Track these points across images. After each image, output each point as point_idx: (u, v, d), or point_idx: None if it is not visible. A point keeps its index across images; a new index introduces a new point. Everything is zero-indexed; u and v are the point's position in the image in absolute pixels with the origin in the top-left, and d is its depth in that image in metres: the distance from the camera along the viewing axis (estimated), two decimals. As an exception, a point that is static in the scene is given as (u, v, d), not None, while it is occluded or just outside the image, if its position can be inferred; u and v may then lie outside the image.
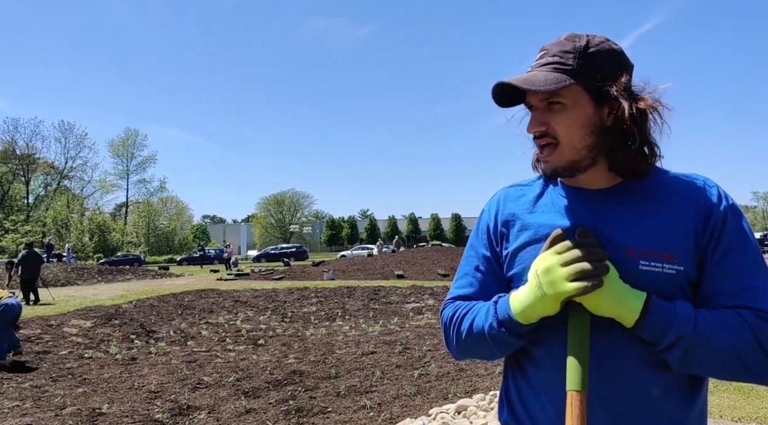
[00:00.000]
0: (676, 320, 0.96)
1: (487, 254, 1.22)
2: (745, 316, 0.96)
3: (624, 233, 1.05)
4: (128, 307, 12.39)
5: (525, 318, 1.04)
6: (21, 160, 61.96)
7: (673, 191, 1.08)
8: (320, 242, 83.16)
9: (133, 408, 4.89)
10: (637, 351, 1.01)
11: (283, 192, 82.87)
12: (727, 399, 4.61)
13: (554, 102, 1.07)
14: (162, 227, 67.75)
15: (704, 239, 1.03)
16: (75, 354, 7.51)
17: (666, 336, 0.96)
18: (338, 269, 23.54)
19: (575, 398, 0.97)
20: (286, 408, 4.74)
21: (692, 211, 1.05)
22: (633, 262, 1.02)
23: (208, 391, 5.42)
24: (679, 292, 1.02)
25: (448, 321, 1.20)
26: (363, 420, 4.41)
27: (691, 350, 0.95)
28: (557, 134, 1.06)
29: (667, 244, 1.03)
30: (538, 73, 1.07)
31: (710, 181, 1.10)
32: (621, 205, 1.09)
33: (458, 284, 1.25)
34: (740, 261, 1.01)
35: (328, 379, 5.72)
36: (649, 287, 1.00)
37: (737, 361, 0.95)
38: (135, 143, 67.40)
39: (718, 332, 0.95)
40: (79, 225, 56.58)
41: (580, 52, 1.07)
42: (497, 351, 1.13)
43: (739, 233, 1.04)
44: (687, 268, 1.02)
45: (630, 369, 1.02)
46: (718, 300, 1.01)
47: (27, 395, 5.44)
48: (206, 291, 16.26)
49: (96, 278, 23.98)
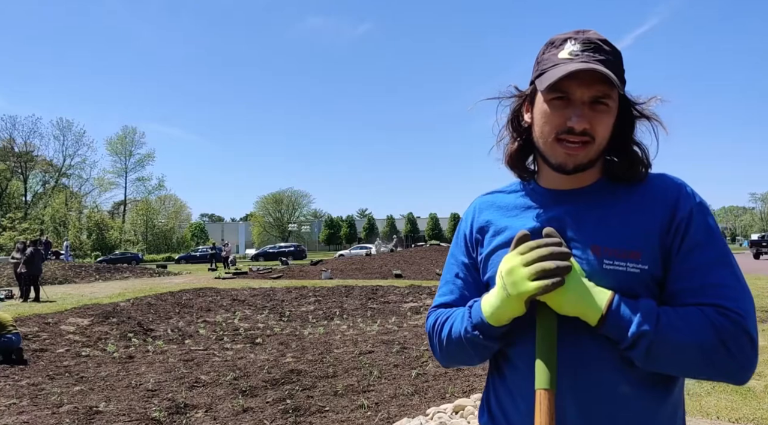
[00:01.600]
0: (638, 317, 0.96)
1: (466, 261, 1.24)
2: (708, 313, 0.96)
3: (590, 232, 1.07)
4: (126, 305, 12.37)
5: (496, 320, 1.05)
6: (19, 157, 61.81)
7: (641, 190, 1.10)
8: (318, 241, 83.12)
9: (130, 406, 4.88)
10: (605, 350, 1.02)
11: (282, 191, 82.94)
12: (725, 400, 4.61)
13: (602, 102, 1.05)
14: (160, 225, 67.71)
15: (669, 237, 1.04)
16: (72, 352, 7.50)
17: (628, 334, 0.96)
18: (336, 268, 23.53)
19: (543, 396, 0.98)
20: (283, 407, 4.73)
21: (659, 209, 1.06)
22: (598, 261, 1.03)
23: (206, 390, 5.42)
24: (644, 290, 1.03)
25: (431, 330, 1.22)
26: (360, 420, 4.40)
27: (654, 347, 0.95)
28: (596, 133, 1.05)
29: (631, 243, 1.04)
30: (602, 67, 1.03)
31: (678, 179, 1.12)
32: (590, 204, 1.10)
33: (441, 292, 1.27)
34: (705, 258, 1.02)
35: (325, 378, 5.72)
36: (613, 285, 1.01)
37: (700, 358, 0.95)
38: (133, 140, 67.36)
39: (680, 329, 0.95)
40: (77, 223, 56.54)
41: (619, 55, 1.09)
42: (475, 355, 1.14)
43: (705, 230, 1.04)
44: (651, 266, 1.03)
45: (599, 368, 1.03)
46: (683, 297, 1.01)
47: (24, 393, 5.43)
48: (204, 290, 16.24)
49: (94, 277, 23.94)
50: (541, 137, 1.10)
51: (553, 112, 1.06)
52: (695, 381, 5.16)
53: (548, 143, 1.09)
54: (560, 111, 1.06)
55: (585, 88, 1.04)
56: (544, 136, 1.09)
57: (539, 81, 1.08)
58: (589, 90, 1.04)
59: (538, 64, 1.12)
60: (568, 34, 1.10)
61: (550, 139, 1.08)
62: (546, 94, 1.07)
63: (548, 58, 1.10)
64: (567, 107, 1.05)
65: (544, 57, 1.12)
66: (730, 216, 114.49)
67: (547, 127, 1.08)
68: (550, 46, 1.12)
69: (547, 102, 1.07)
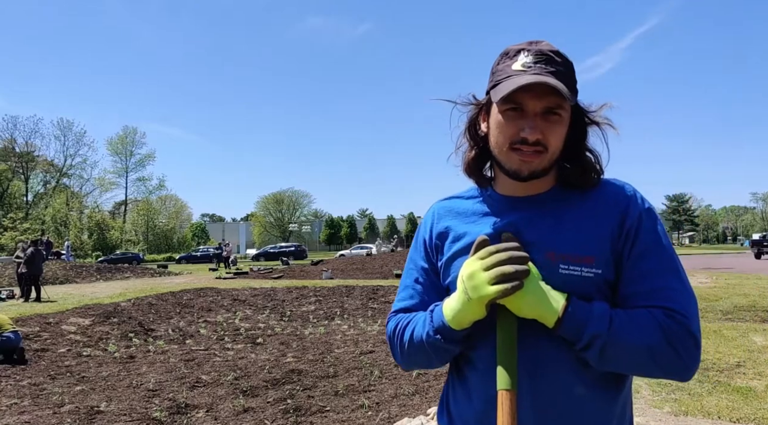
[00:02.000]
0: (592, 320, 1.01)
1: (426, 266, 1.26)
2: (656, 315, 1.01)
3: (546, 237, 1.10)
4: (127, 305, 12.38)
5: (457, 324, 1.08)
6: (20, 158, 61.83)
7: (594, 196, 1.14)
8: (319, 241, 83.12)
9: (131, 406, 4.89)
10: (562, 351, 1.06)
11: (282, 191, 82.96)
12: (726, 400, 4.61)
13: (555, 113, 1.08)
14: (161, 225, 67.71)
15: (620, 242, 1.09)
16: (73, 352, 7.51)
17: (583, 335, 1.00)
18: (337, 268, 23.52)
19: (505, 397, 1.00)
20: (284, 407, 4.74)
21: (610, 215, 1.10)
22: (554, 265, 1.07)
23: (207, 390, 5.42)
24: (598, 293, 1.07)
25: (392, 334, 1.24)
26: (361, 420, 4.41)
27: (607, 348, 1.00)
28: (549, 143, 1.08)
29: (585, 248, 1.08)
30: (552, 79, 1.06)
31: (629, 186, 1.16)
32: (545, 211, 1.14)
33: (400, 297, 1.29)
34: (653, 263, 1.07)
35: (326, 378, 5.72)
36: (569, 289, 1.05)
37: (649, 358, 1.00)
38: (134, 141, 67.37)
39: (631, 330, 1.00)
40: (78, 223, 56.55)
41: (570, 66, 1.12)
42: (436, 358, 1.17)
43: (654, 236, 1.09)
44: (604, 271, 1.07)
45: (555, 369, 1.06)
46: (634, 300, 1.06)
47: (25, 393, 5.43)
48: (205, 290, 16.24)
49: (95, 277, 23.95)
50: (496, 146, 1.13)
51: (507, 122, 1.10)
52: (698, 383, 5.16)
53: (503, 152, 1.12)
54: (514, 122, 1.09)
55: (537, 100, 1.07)
56: (499, 145, 1.12)
57: (494, 92, 1.11)
58: (541, 101, 1.07)
59: (493, 75, 1.15)
60: (522, 46, 1.13)
61: (505, 148, 1.11)
62: (500, 105, 1.10)
63: (502, 69, 1.13)
64: (520, 118, 1.08)
65: (498, 68, 1.14)
66: (731, 216, 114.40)
67: (501, 137, 1.11)
68: (505, 57, 1.14)
69: (502, 113, 1.10)
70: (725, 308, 10.01)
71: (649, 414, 4.33)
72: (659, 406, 4.52)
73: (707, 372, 5.55)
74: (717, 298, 11.55)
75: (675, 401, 4.62)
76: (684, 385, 5.04)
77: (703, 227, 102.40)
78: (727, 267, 23.72)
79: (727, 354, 6.32)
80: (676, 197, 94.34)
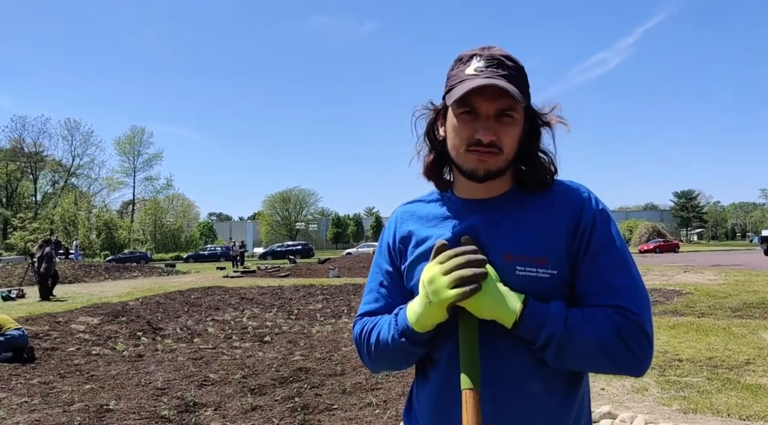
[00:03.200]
0: (548, 320, 1.04)
1: (390, 270, 1.29)
2: (609, 313, 1.05)
3: (503, 240, 1.13)
4: (135, 304, 12.45)
5: (421, 327, 1.11)
6: (29, 158, 62.31)
7: (550, 198, 1.17)
8: (326, 239, 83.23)
9: (140, 404, 4.91)
10: (519, 350, 1.09)
11: (289, 190, 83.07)
12: (735, 397, 4.58)
13: (507, 115, 1.11)
14: (168, 224, 68.03)
15: (575, 243, 1.12)
16: (82, 351, 7.55)
17: (540, 335, 1.04)
18: (344, 266, 23.55)
19: (469, 396, 1.03)
20: (292, 405, 4.75)
21: (565, 217, 1.14)
22: (511, 267, 1.10)
23: (215, 388, 5.44)
24: (555, 294, 1.10)
25: (358, 337, 1.27)
26: (369, 418, 4.41)
27: (563, 347, 1.03)
28: (503, 145, 1.11)
29: (540, 249, 1.11)
30: (503, 82, 1.09)
31: (583, 187, 1.20)
32: (503, 213, 1.17)
33: (365, 300, 1.32)
34: (607, 262, 1.11)
35: (333, 376, 5.73)
36: (526, 290, 1.08)
37: (603, 355, 1.03)
38: (141, 140, 67.74)
39: (585, 329, 1.04)
40: (86, 223, 56.89)
41: (522, 70, 1.16)
42: (402, 360, 1.20)
43: (607, 236, 1.13)
44: (560, 271, 1.11)
45: (512, 368, 1.10)
46: (589, 299, 1.10)
47: (35, 391, 5.47)
48: (212, 289, 16.31)
49: (103, 276, 24.10)
50: (453, 149, 1.17)
51: (461, 125, 1.13)
52: (708, 380, 5.13)
53: (460, 154, 1.15)
54: (468, 124, 1.12)
55: (489, 102, 1.10)
56: (456, 147, 1.16)
57: (448, 96, 1.15)
58: (493, 104, 1.10)
59: (448, 80, 1.18)
60: (475, 51, 1.16)
61: (462, 150, 1.14)
62: (455, 108, 1.14)
63: (456, 74, 1.16)
64: (474, 120, 1.12)
65: (452, 73, 1.18)
66: (740, 212, 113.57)
67: (457, 139, 1.14)
68: (459, 63, 1.18)
69: (456, 116, 1.14)
70: (735, 306, 9.94)
71: (657, 412, 4.31)
72: (668, 404, 4.50)
73: (717, 369, 5.51)
74: (726, 295, 11.47)
75: (684, 398, 4.59)
76: (694, 383, 5.02)
77: (711, 224, 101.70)
78: (737, 264, 23.56)
79: (737, 351, 6.27)
80: (684, 194, 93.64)
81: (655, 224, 64.09)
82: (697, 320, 8.50)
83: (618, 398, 4.71)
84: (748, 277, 15.77)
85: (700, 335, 7.26)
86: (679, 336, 7.19)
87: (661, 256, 39.54)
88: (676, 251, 46.87)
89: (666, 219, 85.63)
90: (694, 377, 5.25)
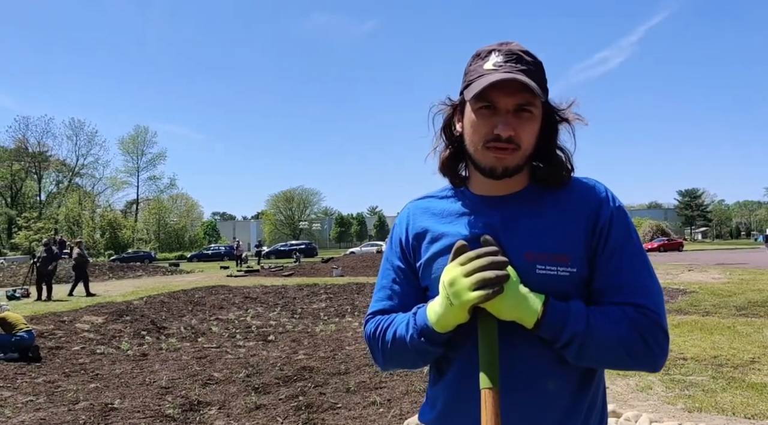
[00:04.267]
0: (570, 319, 1.04)
1: (402, 266, 1.27)
2: (628, 311, 1.06)
3: (522, 238, 1.13)
4: (139, 303, 12.48)
5: (441, 327, 1.10)
6: (33, 158, 62.46)
7: (567, 196, 1.17)
8: (329, 238, 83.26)
9: (145, 403, 4.93)
10: (536, 349, 1.09)
11: (292, 189, 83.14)
12: (740, 396, 4.57)
13: (526, 110, 1.10)
14: (172, 224, 68.16)
15: (594, 240, 1.12)
16: (87, 350, 7.58)
17: (562, 335, 1.04)
18: (347, 265, 23.57)
19: (488, 395, 1.03)
20: (296, 404, 4.75)
21: (583, 214, 1.14)
22: (531, 266, 1.10)
23: (219, 387, 5.45)
24: (575, 292, 1.11)
25: (371, 336, 1.25)
26: (373, 416, 4.41)
27: (585, 345, 1.04)
28: (521, 140, 1.10)
29: (560, 247, 1.11)
30: (523, 76, 1.08)
31: (600, 184, 1.19)
32: (521, 211, 1.16)
33: (377, 297, 1.30)
34: (624, 259, 1.11)
35: (337, 375, 5.73)
36: (546, 289, 1.08)
37: (624, 352, 1.05)
38: (145, 140, 67.83)
39: (606, 327, 1.04)
40: (90, 222, 57.07)
41: (540, 66, 1.15)
42: (419, 359, 1.19)
43: (624, 233, 1.13)
44: (579, 269, 1.11)
45: (529, 367, 1.10)
46: (607, 297, 1.10)
47: (40, 390, 5.49)
48: (216, 288, 16.34)
49: (107, 275, 24.18)
50: (471, 145, 1.15)
51: (480, 120, 1.12)
52: (712, 379, 5.11)
53: (478, 150, 1.13)
54: (487, 120, 1.11)
55: (508, 97, 1.09)
56: (474, 143, 1.14)
57: (467, 91, 1.13)
58: (513, 98, 1.09)
59: (466, 76, 1.17)
60: (493, 46, 1.16)
61: (480, 146, 1.13)
62: (473, 103, 1.12)
63: (474, 69, 1.15)
64: (493, 115, 1.11)
65: (470, 68, 1.17)
66: (745, 211, 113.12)
67: (476, 135, 1.13)
68: (477, 58, 1.17)
69: (475, 111, 1.13)
70: (739, 304, 9.91)
71: (662, 411, 4.30)
72: (673, 402, 4.49)
73: (721, 368, 5.50)
74: (731, 294, 11.44)
75: (689, 397, 4.58)
76: (698, 381, 5.00)
77: (716, 223, 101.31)
78: (741, 263, 23.48)
79: (742, 350, 6.25)
80: (688, 192, 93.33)
81: (659, 223, 63.84)
82: (702, 318, 8.47)
83: (622, 397, 4.70)
84: (752, 275, 15.72)
85: (704, 334, 7.24)
86: (683, 335, 7.17)
87: (665, 255, 39.41)
88: (680, 250, 46.69)
89: (670, 218, 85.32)
90: (698, 376, 5.23)
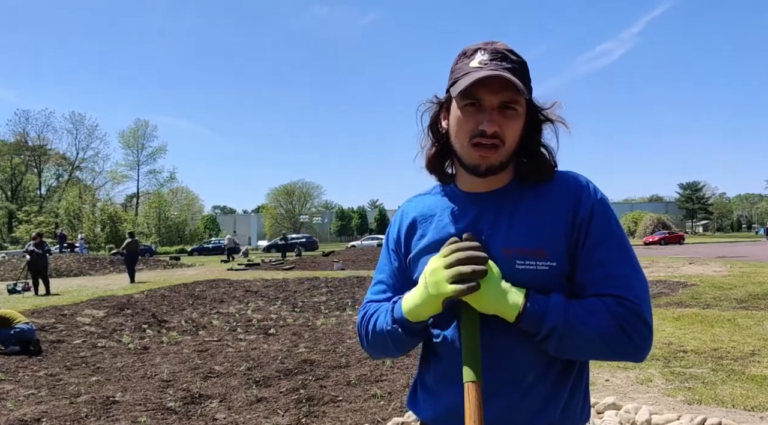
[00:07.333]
0: (549, 313, 1.06)
1: (396, 263, 1.33)
2: (608, 303, 1.07)
3: (503, 234, 1.15)
4: (140, 297, 12.50)
5: (414, 316, 1.14)
6: (33, 151, 62.47)
7: (549, 190, 1.19)
8: (330, 232, 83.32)
9: (146, 396, 4.94)
10: (516, 341, 1.12)
11: (293, 183, 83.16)
12: (740, 388, 4.57)
13: (511, 107, 1.13)
14: (173, 217, 68.17)
15: (574, 233, 1.14)
16: (88, 343, 7.60)
17: (542, 328, 1.06)
18: (348, 259, 23.61)
19: (471, 388, 1.05)
20: (296, 397, 4.77)
21: (563, 207, 1.15)
22: (510, 261, 1.12)
23: (220, 380, 5.47)
24: (555, 285, 1.12)
25: (359, 324, 1.31)
26: (373, 409, 4.42)
27: (564, 338, 1.06)
28: (505, 137, 1.13)
29: (538, 242, 1.13)
30: (507, 74, 1.10)
31: (581, 177, 1.21)
32: (503, 206, 1.19)
33: (372, 290, 1.36)
34: (605, 252, 1.12)
35: (338, 368, 5.74)
36: (528, 284, 1.10)
37: (603, 344, 1.06)
38: (145, 133, 67.77)
39: (585, 320, 1.06)
40: (91, 216, 57.07)
41: (525, 65, 1.18)
42: (395, 348, 1.23)
43: (606, 225, 1.15)
44: (559, 263, 1.12)
45: (509, 359, 1.13)
46: (588, 289, 1.12)
47: (42, 383, 5.51)
48: (217, 281, 16.37)
49: (108, 269, 24.23)
50: (457, 142, 1.18)
51: (465, 117, 1.14)
52: (712, 371, 5.12)
53: (464, 147, 1.16)
54: (472, 116, 1.13)
55: (494, 94, 1.11)
56: (459, 140, 1.17)
57: (453, 89, 1.16)
58: (498, 96, 1.11)
59: (452, 74, 1.20)
60: (479, 45, 1.18)
61: (465, 143, 1.15)
62: (459, 100, 1.15)
63: (460, 67, 1.18)
64: (479, 112, 1.13)
65: (457, 67, 1.19)
66: (746, 204, 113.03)
67: (461, 132, 1.15)
68: (463, 56, 1.19)
69: (461, 108, 1.15)
70: (740, 297, 9.92)
71: (662, 403, 4.31)
72: (672, 395, 4.49)
73: (721, 360, 5.50)
74: (731, 286, 11.45)
75: (689, 389, 4.59)
76: (699, 374, 5.01)
77: (717, 216, 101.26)
78: (742, 255, 23.49)
79: (742, 342, 6.26)
80: (689, 185, 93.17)
81: (660, 216, 63.87)
82: (702, 311, 8.48)
83: (622, 389, 4.71)
84: (753, 268, 15.72)
85: (705, 326, 7.25)
86: (684, 328, 7.17)
87: (666, 248, 39.42)
88: (681, 243, 46.72)
89: (671, 211, 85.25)
90: (698, 368, 5.24)
